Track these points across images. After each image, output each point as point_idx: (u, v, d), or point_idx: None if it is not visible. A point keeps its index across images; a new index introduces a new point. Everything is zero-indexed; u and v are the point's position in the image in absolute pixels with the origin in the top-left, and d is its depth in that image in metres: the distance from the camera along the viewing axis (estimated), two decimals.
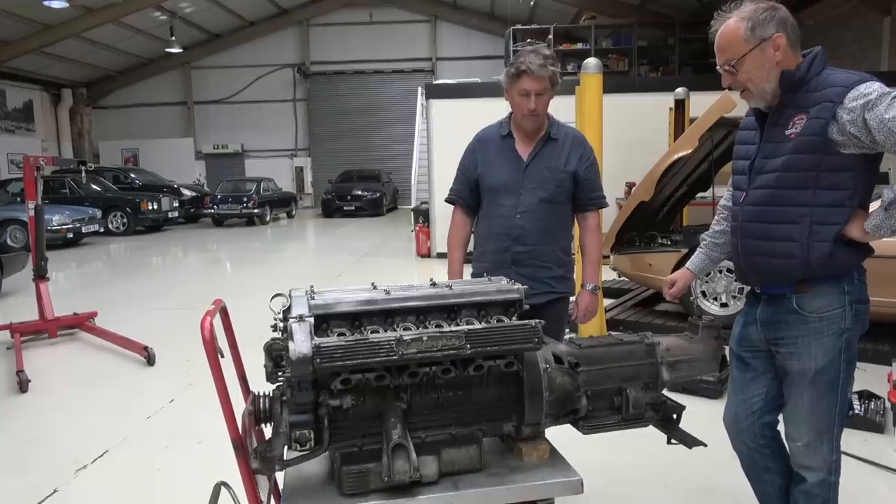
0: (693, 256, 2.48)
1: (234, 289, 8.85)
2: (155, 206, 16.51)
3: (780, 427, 2.28)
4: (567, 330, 3.24)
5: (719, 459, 3.25)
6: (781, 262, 2.00)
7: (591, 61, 5.33)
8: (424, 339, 1.59)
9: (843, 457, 3.33)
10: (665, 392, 2.02)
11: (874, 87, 1.81)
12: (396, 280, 2.09)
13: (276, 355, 1.74)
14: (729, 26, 1.96)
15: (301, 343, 1.52)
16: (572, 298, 2.92)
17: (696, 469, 3.21)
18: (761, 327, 2.15)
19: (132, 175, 19.28)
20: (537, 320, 1.69)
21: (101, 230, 15.01)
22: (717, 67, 2.03)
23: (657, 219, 6.66)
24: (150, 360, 5.38)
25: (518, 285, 1.85)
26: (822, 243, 1.93)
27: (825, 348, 2.01)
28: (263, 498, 1.79)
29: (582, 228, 2.85)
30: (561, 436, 2.00)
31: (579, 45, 15.84)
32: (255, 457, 1.65)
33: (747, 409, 2.26)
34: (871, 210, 1.91)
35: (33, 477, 3.46)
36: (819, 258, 1.94)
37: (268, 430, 1.76)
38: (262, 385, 1.80)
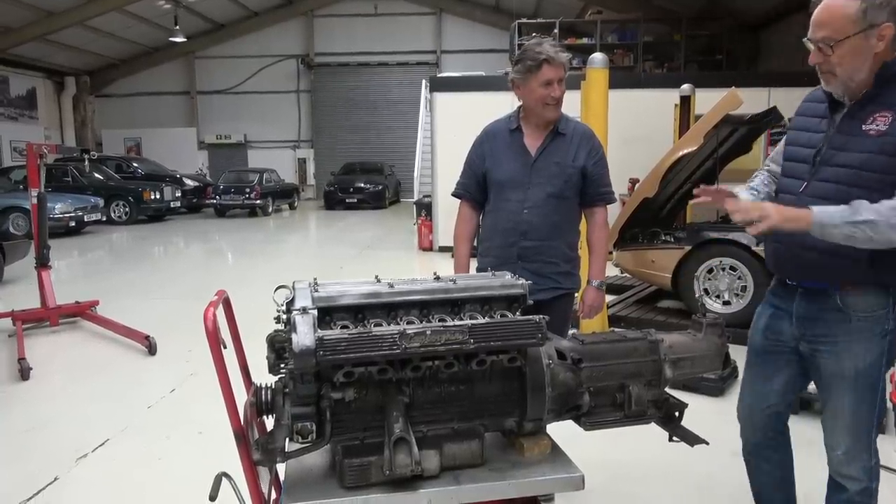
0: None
1: (236, 279, 8.86)
2: (157, 196, 16.51)
3: (791, 421, 2.28)
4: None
5: (720, 457, 3.25)
6: (838, 262, 1.90)
7: (598, 56, 5.30)
8: (428, 333, 1.58)
9: None
10: (667, 389, 2.02)
11: None
12: (398, 273, 2.08)
13: (278, 347, 1.73)
14: (838, 1, 1.80)
15: (304, 335, 1.52)
16: (577, 294, 2.91)
17: (696, 466, 3.21)
18: (796, 322, 2.07)
19: (135, 164, 19.28)
20: (541, 316, 1.68)
21: (104, 219, 15.02)
22: (807, 39, 1.88)
23: (660, 215, 6.64)
24: (151, 350, 5.39)
25: (522, 280, 1.84)
26: (888, 252, 1.83)
27: (868, 349, 1.94)
28: (264, 489, 1.79)
29: (589, 224, 2.83)
30: (561, 431, 2.00)
31: (584, 40, 15.77)
32: (256, 448, 1.65)
33: (763, 402, 2.23)
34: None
35: (34, 465, 3.47)
36: (882, 263, 1.85)
37: (269, 422, 1.76)
38: (263, 376, 1.79)
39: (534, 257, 2.68)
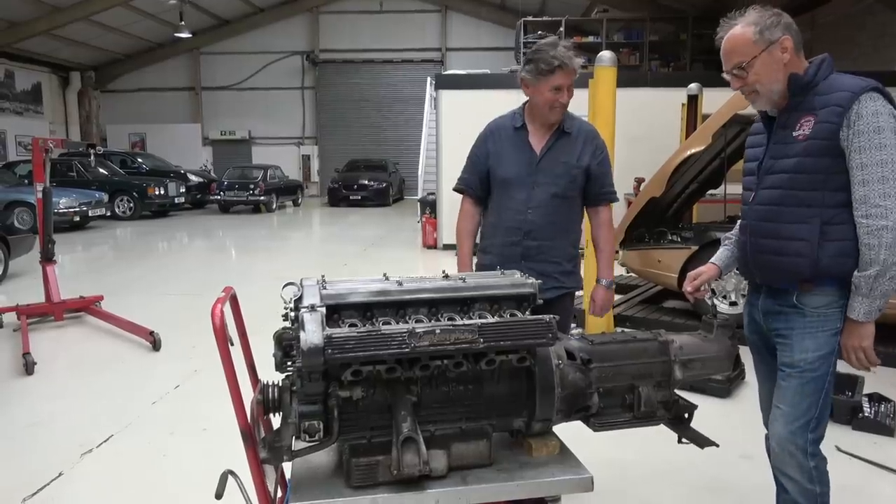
0: (718, 252, 2.47)
1: (240, 276, 8.85)
2: (161, 192, 16.52)
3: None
4: (574, 325, 3.21)
5: (727, 459, 3.24)
6: (790, 261, 2.03)
7: (606, 54, 5.26)
8: (437, 332, 1.57)
9: (852, 459, 3.33)
10: (676, 391, 2.00)
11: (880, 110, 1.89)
12: (403, 271, 2.07)
13: (286, 345, 1.71)
14: (736, 32, 2.03)
15: (312, 333, 1.50)
16: (578, 293, 2.89)
17: (703, 468, 3.19)
18: (763, 316, 2.19)
19: (139, 160, 19.31)
20: (551, 315, 1.67)
21: (108, 214, 15.03)
22: (724, 73, 2.10)
23: (667, 215, 6.61)
24: (155, 346, 5.38)
25: (532, 280, 1.83)
26: (831, 242, 1.97)
27: (817, 343, 2.03)
28: (270, 488, 1.78)
29: (594, 224, 2.82)
30: (568, 430, 1.98)
31: (590, 39, 15.73)
32: (263, 447, 1.63)
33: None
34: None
35: (38, 460, 3.47)
36: (829, 256, 1.97)
37: (276, 420, 1.75)
38: (269, 374, 1.78)
39: (537, 257, 2.66)
